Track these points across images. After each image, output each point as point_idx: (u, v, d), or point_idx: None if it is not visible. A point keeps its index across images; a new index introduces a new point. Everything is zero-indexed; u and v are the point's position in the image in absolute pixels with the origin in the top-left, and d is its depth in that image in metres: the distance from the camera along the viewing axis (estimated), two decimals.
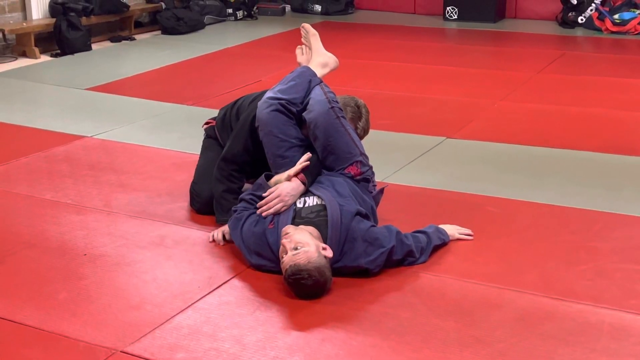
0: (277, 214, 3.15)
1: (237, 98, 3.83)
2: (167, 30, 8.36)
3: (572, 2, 8.48)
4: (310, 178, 3.26)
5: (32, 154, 4.55)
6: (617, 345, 2.61)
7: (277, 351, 2.59)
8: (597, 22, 8.27)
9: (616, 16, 8.18)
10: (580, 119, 5.19)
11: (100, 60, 7.22)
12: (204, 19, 8.70)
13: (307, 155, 3.26)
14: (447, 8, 9.03)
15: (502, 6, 9.05)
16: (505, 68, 6.74)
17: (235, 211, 3.28)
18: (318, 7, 9.55)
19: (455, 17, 8.99)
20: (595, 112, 5.32)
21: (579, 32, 8.32)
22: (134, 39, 8.19)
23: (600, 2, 8.35)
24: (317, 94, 3.34)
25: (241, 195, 3.34)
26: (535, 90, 5.96)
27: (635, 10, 8.21)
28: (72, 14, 7.47)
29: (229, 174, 3.43)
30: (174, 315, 2.80)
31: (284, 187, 3.19)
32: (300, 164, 3.23)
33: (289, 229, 2.98)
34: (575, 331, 2.69)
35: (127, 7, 8.22)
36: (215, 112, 4.02)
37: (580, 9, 8.43)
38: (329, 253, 2.93)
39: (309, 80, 3.42)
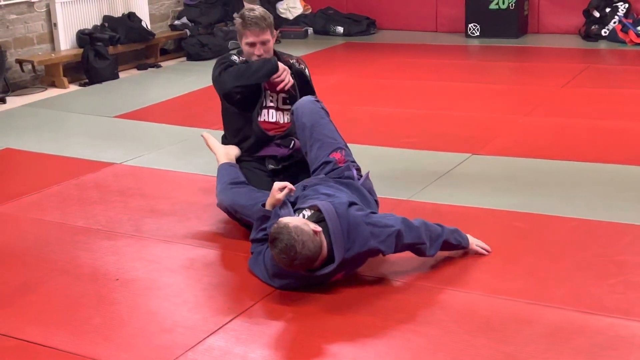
0: None
1: None
2: (192, 57, 8.46)
3: (595, 15, 8.46)
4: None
5: (63, 182, 4.63)
6: None
7: None
8: (620, 35, 8.24)
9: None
10: (606, 132, 5.17)
11: (128, 88, 7.33)
12: (228, 44, 8.79)
13: (284, 183, 3.30)
14: (469, 25, 9.05)
15: (524, 21, 9.04)
16: (529, 83, 6.73)
17: (252, 253, 3.34)
18: (340, 29, 9.61)
19: (478, 34, 9.00)
20: (621, 125, 5.29)
21: (602, 45, 8.29)
22: (160, 66, 8.31)
23: (624, 14, 8.32)
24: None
25: (251, 237, 3.38)
26: (560, 104, 5.94)
27: None
28: (99, 43, 7.60)
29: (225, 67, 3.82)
30: (206, 337, 2.83)
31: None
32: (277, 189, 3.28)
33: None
34: (607, 345, 2.67)
35: (153, 35, 8.34)
36: None
37: (603, 21, 8.41)
38: (318, 228, 2.97)
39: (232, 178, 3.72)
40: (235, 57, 3.91)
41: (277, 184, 3.28)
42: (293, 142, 3.89)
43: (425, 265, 3.30)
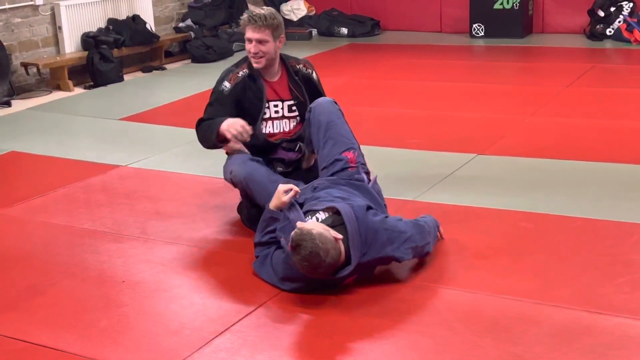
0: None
1: None
2: (197, 59, 8.48)
3: (600, 14, 8.45)
4: None
5: (68, 184, 4.64)
6: None
7: None
8: (625, 34, 8.23)
9: None
10: (612, 131, 5.16)
11: (133, 91, 7.34)
12: (233, 46, 8.81)
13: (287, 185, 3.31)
14: (474, 25, 9.04)
15: (529, 21, 9.04)
16: (534, 83, 6.72)
17: (257, 256, 3.34)
18: (344, 30, 9.62)
19: (482, 34, 9.00)
20: (627, 124, 5.29)
21: (607, 44, 8.29)
22: (165, 69, 8.32)
23: (628, 13, 8.31)
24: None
25: (255, 240, 3.38)
26: (565, 104, 5.93)
27: None
28: (104, 46, 7.62)
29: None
30: (212, 339, 2.84)
31: (230, 122, 3.64)
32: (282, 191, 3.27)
33: None
34: (615, 345, 2.67)
35: (157, 37, 8.36)
36: None
37: (608, 20, 8.40)
38: (339, 235, 2.98)
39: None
40: (226, 84, 3.83)
41: (281, 186, 3.28)
42: (299, 145, 3.87)
43: (431, 266, 3.30)
